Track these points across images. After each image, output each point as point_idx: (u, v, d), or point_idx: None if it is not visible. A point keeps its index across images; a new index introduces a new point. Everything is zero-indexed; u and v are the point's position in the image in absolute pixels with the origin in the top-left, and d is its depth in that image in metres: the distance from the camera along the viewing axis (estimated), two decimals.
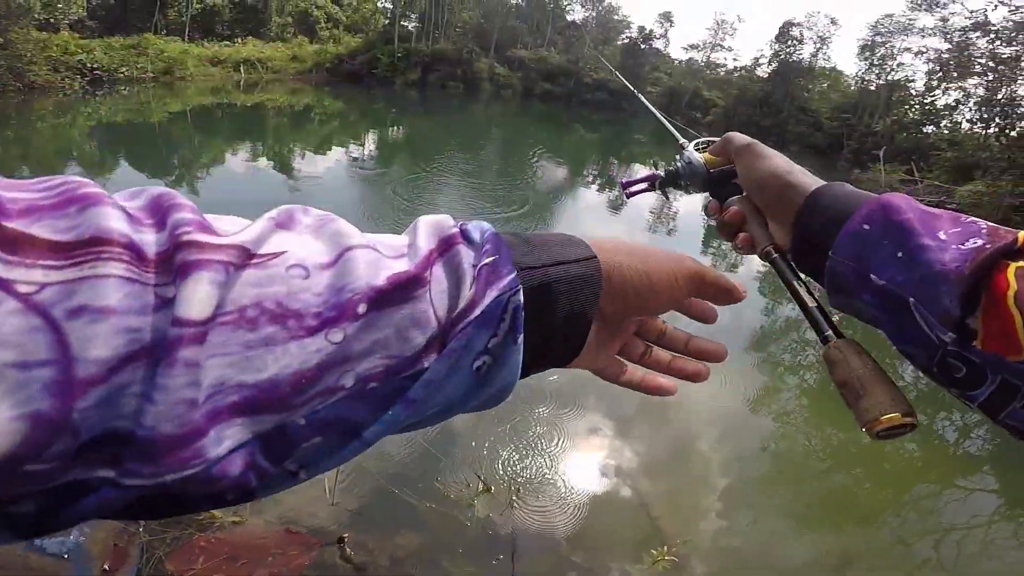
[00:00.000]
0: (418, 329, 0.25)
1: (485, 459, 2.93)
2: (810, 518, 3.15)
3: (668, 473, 3.17)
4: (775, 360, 4.76)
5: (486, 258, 0.28)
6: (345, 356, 0.23)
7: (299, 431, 0.23)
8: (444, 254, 0.28)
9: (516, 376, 0.30)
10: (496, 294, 0.27)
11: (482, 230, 0.30)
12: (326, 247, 0.25)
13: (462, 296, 0.26)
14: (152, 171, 8.90)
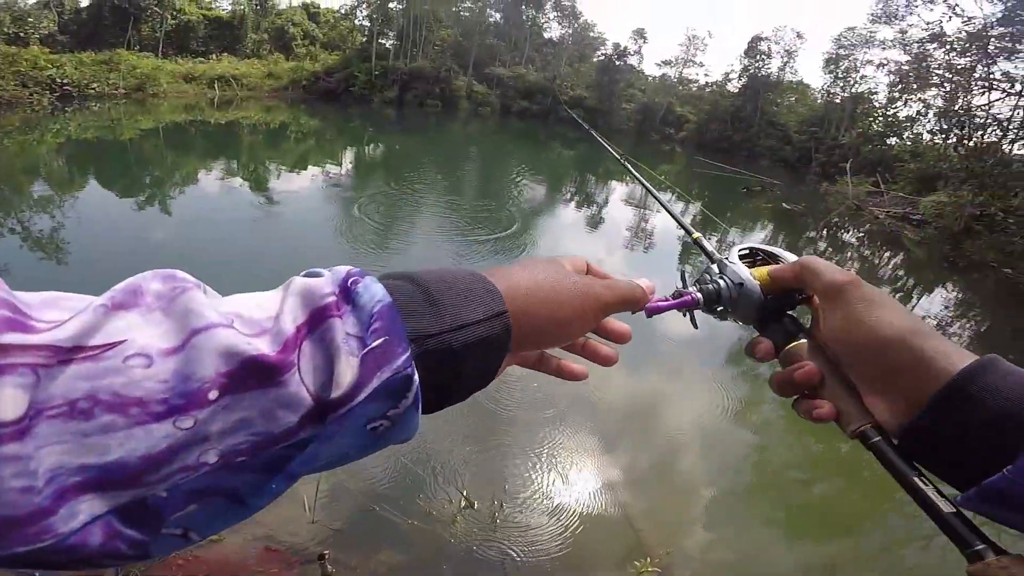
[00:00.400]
0: (287, 410, 0.25)
1: (467, 476, 2.89)
2: (794, 527, 3.16)
3: (651, 486, 3.16)
4: (753, 373, 4.81)
5: (374, 339, 0.27)
6: (202, 437, 0.23)
7: (164, 502, 0.24)
8: (315, 330, 0.27)
9: (416, 428, 0.30)
10: (388, 375, 0.27)
11: (372, 296, 0.29)
12: (173, 329, 0.25)
13: (340, 377, 0.26)
14: (122, 190, 8.72)
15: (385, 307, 0.28)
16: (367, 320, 0.28)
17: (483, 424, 3.34)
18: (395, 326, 0.28)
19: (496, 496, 2.77)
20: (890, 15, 19.56)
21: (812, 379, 0.42)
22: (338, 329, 0.27)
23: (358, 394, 0.26)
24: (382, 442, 0.29)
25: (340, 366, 0.26)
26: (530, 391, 3.65)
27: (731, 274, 0.49)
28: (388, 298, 0.29)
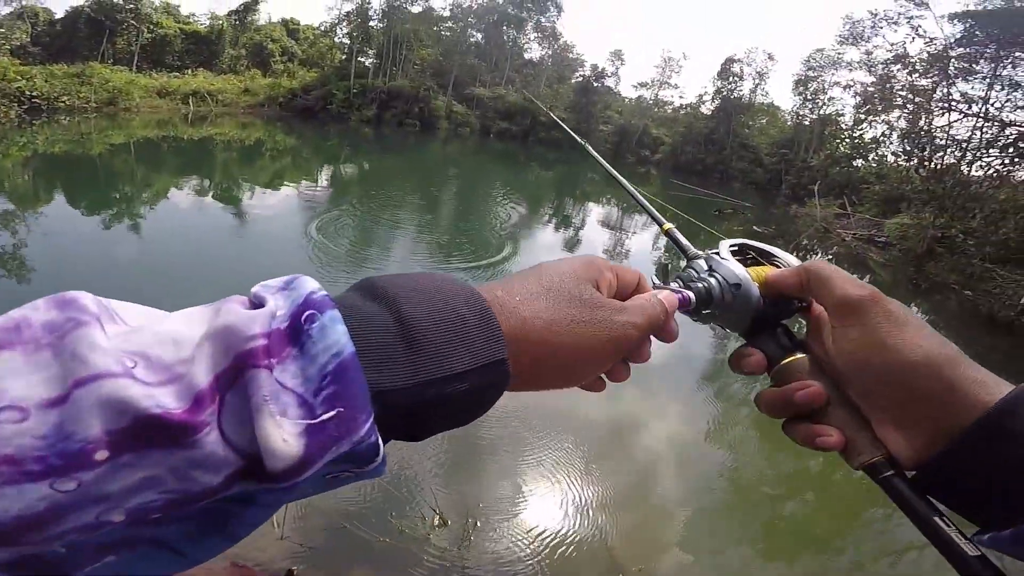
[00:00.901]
0: (205, 471, 0.21)
1: (440, 493, 2.85)
2: (768, 545, 3.18)
3: (625, 505, 3.16)
4: (726, 393, 4.87)
5: (325, 410, 0.23)
6: (96, 497, 0.20)
7: (66, 557, 0.20)
8: (234, 376, 0.22)
9: (384, 471, 0.27)
10: (346, 449, 0.23)
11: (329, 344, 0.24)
12: (57, 375, 0.21)
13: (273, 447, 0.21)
14: (89, 205, 8.53)
15: (343, 363, 0.23)
16: (317, 378, 0.23)
17: (457, 442, 3.31)
18: (355, 391, 0.23)
19: (470, 514, 2.74)
20: (857, 36, 20.19)
21: (816, 402, 0.37)
22: (264, 383, 0.22)
23: (306, 471, 0.22)
24: (345, 483, 0.27)
25: (269, 431, 0.21)
26: (505, 410, 3.63)
27: (725, 272, 0.42)
28: (349, 347, 0.24)
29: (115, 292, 0.23)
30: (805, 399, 0.37)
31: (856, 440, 0.36)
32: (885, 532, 3.39)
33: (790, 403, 0.38)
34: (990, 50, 13.84)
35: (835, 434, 0.36)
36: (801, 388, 0.37)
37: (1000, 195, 11.43)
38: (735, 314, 0.42)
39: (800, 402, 0.37)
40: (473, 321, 0.28)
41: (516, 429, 3.49)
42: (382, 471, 0.26)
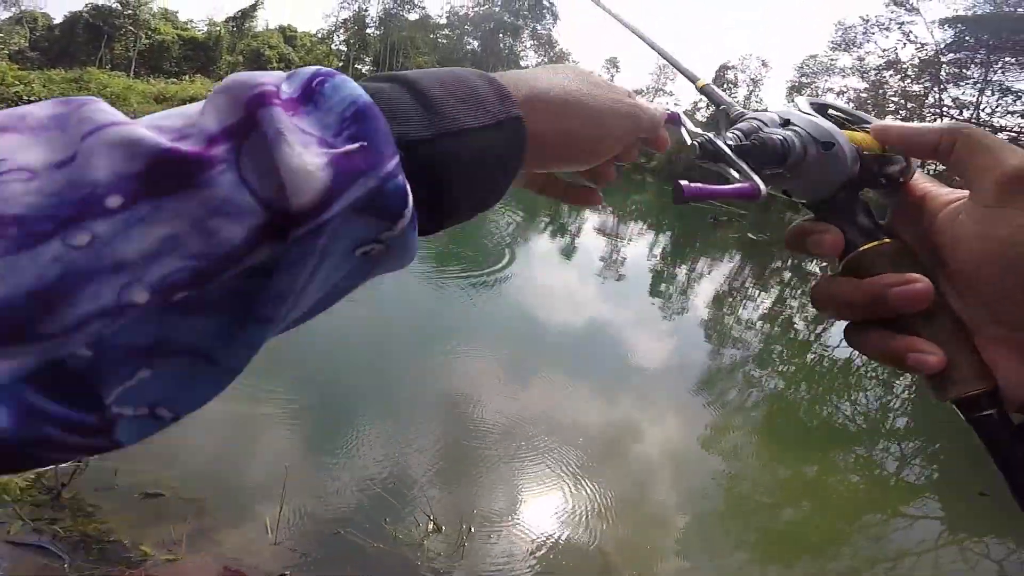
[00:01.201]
0: (227, 219, 0.19)
1: (435, 499, 2.84)
2: (763, 551, 3.17)
3: (621, 511, 3.15)
4: (723, 400, 4.87)
5: (349, 142, 0.21)
6: (114, 263, 0.18)
7: (93, 365, 0.18)
8: (252, 123, 0.20)
9: (416, 251, 0.25)
10: (374, 184, 0.21)
11: (344, 96, 0.22)
12: (67, 140, 0.19)
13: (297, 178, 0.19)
14: None
15: (362, 107, 0.22)
16: (336, 123, 0.22)
17: (452, 447, 3.30)
18: (378, 128, 0.22)
19: (464, 520, 2.72)
20: (849, 42, 20.40)
21: (921, 303, 0.28)
22: (280, 118, 0.20)
23: (332, 204, 0.20)
24: (377, 269, 0.25)
25: (291, 161, 0.20)
26: (499, 414, 3.62)
27: (809, 126, 0.33)
28: (366, 97, 0.23)
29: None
30: (904, 298, 0.28)
31: (959, 363, 0.28)
32: (881, 538, 3.39)
33: (878, 300, 0.29)
34: (980, 55, 13.98)
35: (937, 351, 0.28)
36: (901, 283, 0.28)
37: None
38: (815, 180, 0.33)
39: (896, 301, 0.28)
40: (485, 88, 0.28)
41: (511, 436, 3.48)
42: (411, 241, 0.24)
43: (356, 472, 2.92)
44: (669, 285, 8.73)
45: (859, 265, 0.31)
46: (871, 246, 0.31)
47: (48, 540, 2.10)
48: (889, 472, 4.27)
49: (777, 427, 4.64)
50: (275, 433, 3.10)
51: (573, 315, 6.21)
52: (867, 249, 0.31)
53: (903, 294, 0.28)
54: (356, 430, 3.25)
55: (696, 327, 6.73)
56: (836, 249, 0.32)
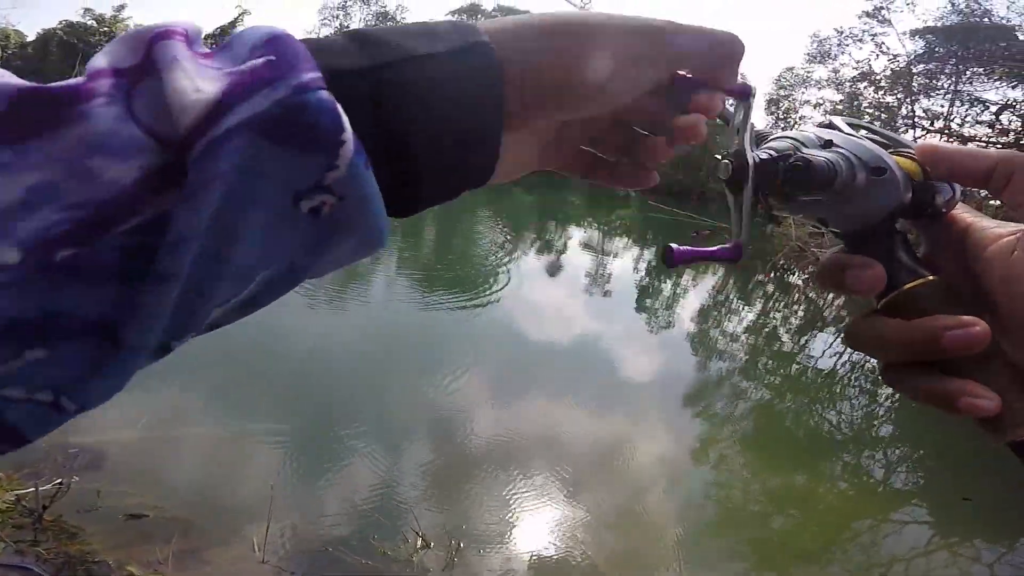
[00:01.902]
0: (109, 158, 0.16)
1: (424, 515, 2.81)
2: (755, 561, 3.18)
3: (613, 524, 3.14)
4: (710, 413, 4.89)
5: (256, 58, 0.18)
6: None
7: None
8: (147, 60, 0.18)
9: (383, 222, 0.20)
10: (283, 94, 0.17)
11: (258, 32, 0.19)
12: None
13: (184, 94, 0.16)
14: None
15: (277, 34, 0.19)
16: (246, 54, 0.18)
17: (440, 462, 3.27)
18: (292, 47, 0.18)
19: (454, 535, 2.69)
20: (824, 54, 20.85)
21: (978, 348, 0.25)
22: (178, 49, 0.18)
23: (223, 116, 0.16)
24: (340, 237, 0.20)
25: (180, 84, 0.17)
26: (487, 429, 3.60)
27: (857, 149, 0.30)
28: (281, 31, 0.19)
29: None
30: (961, 342, 0.25)
31: (1016, 406, 0.26)
32: (872, 545, 3.41)
33: (929, 344, 0.26)
34: (950, 66, 14.45)
35: (994, 396, 0.25)
36: (956, 325, 0.25)
37: None
38: (861, 208, 0.30)
39: (951, 345, 0.25)
40: (443, 24, 0.23)
41: (499, 450, 3.46)
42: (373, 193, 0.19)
43: (344, 489, 2.89)
44: (655, 300, 8.80)
45: (905, 305, 0.28)
46: (918, 284, 0.28)
47: (32, 561, 2.08)
48: (876, 479, 4.32)
49: (765, 438, 4.67)
50: (260, 452, 3.06)
51: (560, 331, 6.22)
52: (914, 287, 0.28)
53: (960, 338, 0.25)
54: (343, 447, 3.21)
55: (682, 341, 6.78)
56: (878, 286, 0.29)
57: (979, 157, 0.29)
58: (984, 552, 3.49)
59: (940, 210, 0.30)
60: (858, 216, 0.30)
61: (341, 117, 0.18)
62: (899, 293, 0.29)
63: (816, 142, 0.31)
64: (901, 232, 0.30)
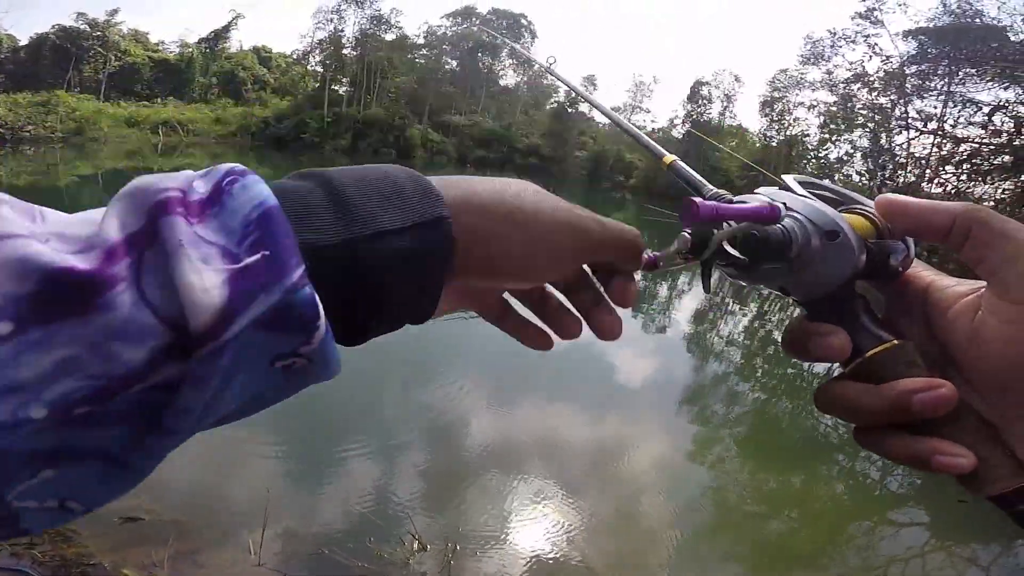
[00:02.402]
0: (127, 344, 0.18)
1: (419, 517, 2.80)
2: (752, 563, 3.17)
3: (609, 527, 3.13)
4: (706, 414, 4.90)
5: (250, 255, 0.20)
6: (5, 387, 0.17)
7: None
8: (154, 235, 0.20)
9: (337, 363, 0.23)
10: (277, 298, 0.20)
11: (250, 198, 0.21)
12: None
13: (194, 296, 0.19)
14: None
15: (267, 211, 0.21)
16: (240, 228, 0.21)
17: (435, 465, 3.26)
18: (281, 236, 0.21)
19: (450, 538, 2.68)
20: (817, 55, 20.66)
21: (947, 409, 0.26)
22: (180, 229, 0.20)
23: (231, 324, 0.19)
24: (300, 381, 0.23)
25: (188, 279, 0.19)
26: (483, 432, 3.59)
27: (811, 212, 0.30)
28: (274, 200, 0.21)
29: None
30: (929, 405, 0.26)
31: (991, 461, 0.26)
32: (869, 547, 3.41)
33: (899, 407, 0.27)
34: (943, 66, 14.45)
35: (968, 453, 0.26)
36: (924, 388, 0.26)
37: None
38: (819, 274, 0.29)
39: (920, 408, 0.26)
40: (410, 187, 0.26)
41: (495, 453, 3.45)
42: (332, 355, 0.23)
43: (339, 492, 2.88)
44: (650, 304, 8.81)
45: (871, 370, 0.28)
46: (883, 349, 0.28)
47: (28, 564, 2.07)
48: (873, 480, 4.32)
49: (761, 440, 4.68)
50: (256, 455, 3.04)
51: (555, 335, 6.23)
52: (880, 353, 0.28)
53: (928, 401, 0.26)
54: (338, 450, 3.20)
55: (678, 344, 6.80)
56: (844, 353, 0.29)
57: (938, 211, 0.28)
58: (980, 553, 3.49)
59: (896, 270, 0.30)
60: (816, 283, 0.30)
61: (319, 308, 0.21)
62: (864, 360, 0.29)
63: (793, 211, 0.31)
64: (861, 296, 0.30)
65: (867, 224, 0.30)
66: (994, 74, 12.59)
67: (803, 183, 0.33)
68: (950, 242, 0.28)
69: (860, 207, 0.32)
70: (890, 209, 0.30)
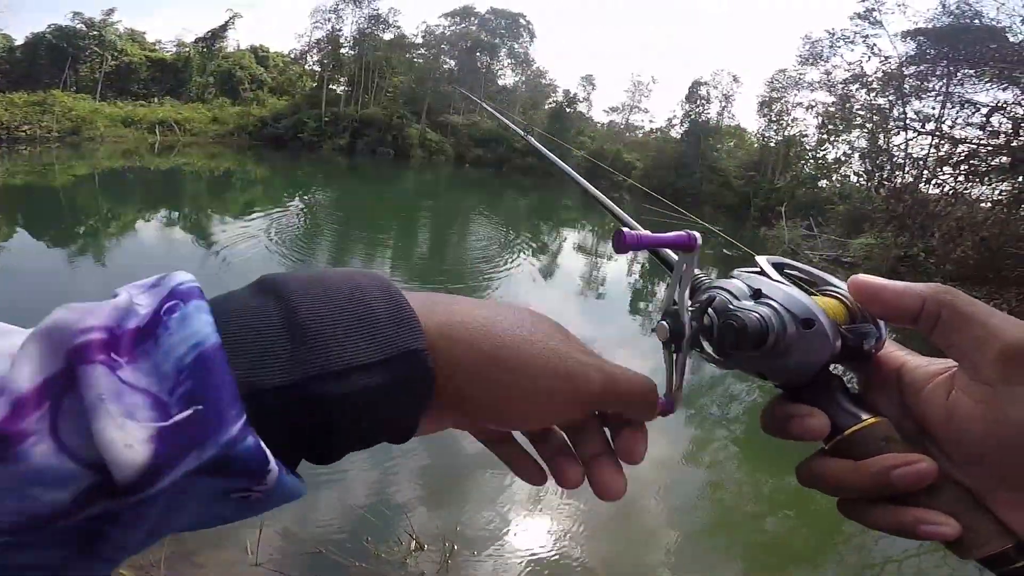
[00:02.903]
0: (46, 488, 0.17)
1: (417, 517, 2.80)
2: (750, 563, 3.18)
3: (607, 527, 3.14)
4: (703, 414, 4.89)
5: (180, 408, 0.19)
6: None
7: None
8: (68, 380, 0.18)
9: (299, 489, 0.22)
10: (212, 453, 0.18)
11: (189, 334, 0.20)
12: None
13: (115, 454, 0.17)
14: (53, 239, 8.27)
15: (204, 354, 0.19)
16: (173, 373, 0.19)
17: (434, 462, 3.26)
18: (218, 386, 0.19)
19: (447, 538, 2.68)
20: (816, 56, 20.65)
21: (926, 482, 0.27)
22: (101, 381, 0.18)
23: (158, 479, 0.18)
24: (262, 507, 0.22)
25: (110, 435, 0.17)
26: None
27: (786, 300, 0.30)
28: (213, 338, 0.20)
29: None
30: (909, 479, 0.27)
31: (977, 526, 0.27)
32: (864, 547, 3.41)
33: (880, 482, 0.28)
34: (941, 67, 14.43)
35: (951, 522, 0.27)
36: (903, 463, 0.27)
37: (956, 213, 11.86)
38: (796, 361, 0.30)
39: (900, 483, 0.27)
40: (382, 310, 0.23)
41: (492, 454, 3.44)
42: (293, 487, 0.22)
43: (337, 491, 2.88)
44: (648, 303, 8.81)
45: (851, 447, 0.30)
46: (862, 427, 0.29)
47: None
48: None
49: (758, 439, 4.67)
50: None
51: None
52: (858, 431, 0.29)
53: (908, 475, 0.27)
54: None
55: None
56: (823, 433, 0.30)
57: (907, 296, 0.29)
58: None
59: (870, 353, 0.31)
60: (793, 370, 0.30)
61: (266, 456, 0.19)
62: (843, 438, 0.30)
63: (746, 292, 0.32)
64: (837, 376, 0.31)
65: (840, 307, 0.31)
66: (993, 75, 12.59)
67: (775, 264, 0.34)
68: (920, 327, 0.29)
69: (832, 289, 0.33)
70: (861, 293, 0.31)
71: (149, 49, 30.51)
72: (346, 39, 33.37)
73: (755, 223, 23.09)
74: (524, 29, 37.80)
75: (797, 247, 16.59)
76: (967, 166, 11.87)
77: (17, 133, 17.97)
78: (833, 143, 20.20)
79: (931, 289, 0.29)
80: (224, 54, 33.03)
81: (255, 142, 27.55)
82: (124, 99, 26.29)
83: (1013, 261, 9.85)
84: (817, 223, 18.59)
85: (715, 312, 0.32)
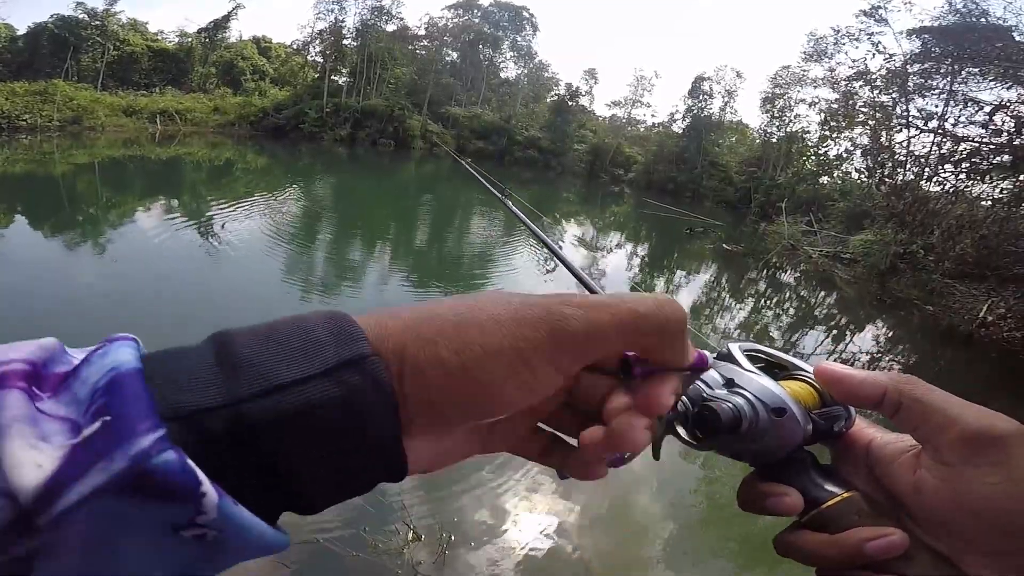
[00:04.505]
0: None
1: (414, 507, 2.82)
2: (745, 558, 3.19)
3: (604, 521, 3.16)
4: None
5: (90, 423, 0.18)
6: None
7: None
8: None
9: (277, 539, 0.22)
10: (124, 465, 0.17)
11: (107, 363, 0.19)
12: None
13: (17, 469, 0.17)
14: (52, 228, 8.27)
15: (118, 376, 0.19)
16: (87, 399, 0.19)
17: None
18: (128, 400, 0.18)
19: (444, 529, 2.70)
20: (820, 53, 20.51)
21: (898, 552, 0.29)
22: (15, 405, 0.18)
23: (60, 495, 0.17)
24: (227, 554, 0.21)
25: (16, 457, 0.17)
26: None
27: (758, 390, 0.32)
28: (132, 364, 0.19)
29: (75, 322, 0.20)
30: (882, 551, 0.29)
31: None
32: None
33: (855, 554, 0.29)
34: (945, 65, 14.36)
35: None
36: (876, 536, 0.29)
37: (956, 211, 11.85)
38: (768, 446, 0.32)
39: (874, 554, 0.29)
40: (323, 332, 0.22)
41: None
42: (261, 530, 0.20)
43: None
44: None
45: (825, 522, 0.31)
46: (836, 502, 0.31)
47: None
48: None
49: None
50: None
51: None
52: (832, 506, 0.31)
53: (881, 547, 0.29)
54: None
55: None
56: (797, 509, 0.31)
57: (869, 384, 0.31)
58: None
59: (840, 433, 0.33)
60: (766, 453, 0.32)
61: (195, 473, 0.18)
62: (818, 513, 0.31)
63: (719, 381, 0.33)
64: (809, 452, 0.33)
65: (810, 393, 0.33)
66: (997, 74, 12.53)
67: (746, 351, 0.35)
68: (883, 411, 0.31)
69: (801, 373, 0.35)
70: (825, 381, 0.33)
71: (151, 39, 30.38)
72: (349, 30, 33.20)
73: (756, 218, 23.06)
74: (527, 22, 37.62)
75: (797, 243, 16.57)
76: (968, 164, 11.85)
77: (18, 122, 17.93)
78: (835, 140, 20.14)
79: (891, 379, 0.31)
80: (226, 45, 32.89)
81: (256, 132, 27.49)
82: (125, 89, 26.20)
83: (1012, 259, 9.86)
84: (817, 219, 18.56)
85: (689, 401, 0.33)
